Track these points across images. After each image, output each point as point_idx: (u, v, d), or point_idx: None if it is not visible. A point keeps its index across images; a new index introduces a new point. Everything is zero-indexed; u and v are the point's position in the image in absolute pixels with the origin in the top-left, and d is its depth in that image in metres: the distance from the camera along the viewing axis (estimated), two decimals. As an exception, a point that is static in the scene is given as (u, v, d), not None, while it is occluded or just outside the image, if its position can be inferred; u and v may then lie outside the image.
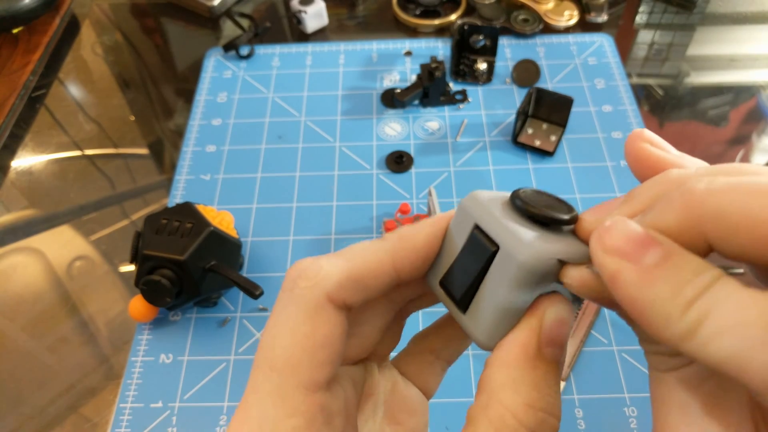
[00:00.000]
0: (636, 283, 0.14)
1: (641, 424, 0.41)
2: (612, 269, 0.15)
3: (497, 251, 0.18)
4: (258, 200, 0.54)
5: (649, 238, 0.15)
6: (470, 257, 0.19)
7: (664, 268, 0.14)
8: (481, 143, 0.58)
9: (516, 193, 0.19)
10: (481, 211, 0.18)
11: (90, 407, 0.44)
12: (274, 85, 0.64)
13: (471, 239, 0.19)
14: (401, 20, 0.70)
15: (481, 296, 0.18)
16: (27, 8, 0.67)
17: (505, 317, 0.18)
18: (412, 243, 0.19)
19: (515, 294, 0.17)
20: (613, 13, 0.70)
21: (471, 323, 0.19)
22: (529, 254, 0.17)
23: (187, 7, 0.73)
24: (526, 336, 0.17)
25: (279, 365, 0.17)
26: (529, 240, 0.17)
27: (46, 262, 0.52)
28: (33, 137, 0.62)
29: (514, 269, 0.17)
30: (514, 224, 0.18)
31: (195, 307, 0.48)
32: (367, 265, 0.19)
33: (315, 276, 0.18)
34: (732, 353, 0.12)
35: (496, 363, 0.17)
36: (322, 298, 0.18)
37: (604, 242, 0.15)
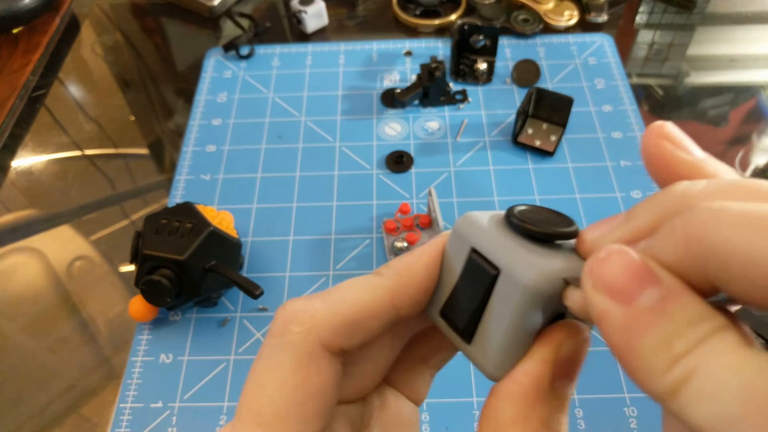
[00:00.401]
0: (623, 329, 0.13)
1: (641, 424, 0.41)
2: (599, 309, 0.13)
3: (498, 275, 0.17)
4: (258, 200, 0.54)
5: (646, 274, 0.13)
6: (470, 283, 0.17)
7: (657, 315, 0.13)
8: (481, 143, 0.58)
9: (511, 211, 0.18)
10: (477, 233, 0.17)
11: (90, 407, 0.44)
12: (274, 85, 0.64)
13: (469, 264, 0.18)
14: (401, 20, 0.70)
15: (486, 324, 0.17)
16: (27, 8, 0.67)
17: (514, 345, 0.16)
18: (411, 277, 0.18)
19: (522, 319, 0.16)
20: (613, 13, 0.70)
21: (477, 354, 0.18)
22: (534, 275, 0.16)
23: (187, 7, 0.73)
24: (537, 368, 0.16)
25: (266, 419, 0.16)
26: (532, 260, 0.16)
27: (46, 262, 0.52)
28: (33, 137, 0.62)
29: (518, 293, 0.16)
30: (514, 244, 0.17)
31: (195, 307, 0.48)
32: (364, 305, 0.17)
33: (309, 321, 0.17)
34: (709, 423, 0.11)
35: (503, 395, 0.16)
36: (315, 345, 0.17)
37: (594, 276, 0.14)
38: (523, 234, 0.17)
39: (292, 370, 0.16)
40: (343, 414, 0.19)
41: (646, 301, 0.13)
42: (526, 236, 0.17)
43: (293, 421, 0.16)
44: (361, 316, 0.17)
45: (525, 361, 0.16)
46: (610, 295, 0.13)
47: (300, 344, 0.17)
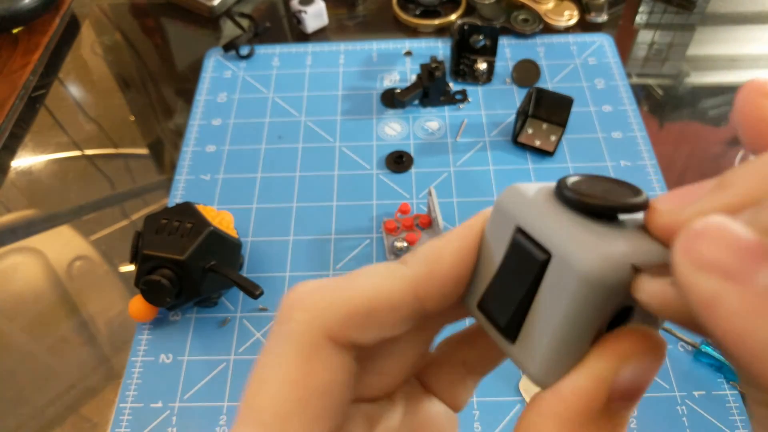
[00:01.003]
0: (742, 313, 0.10)
1: (641, 424, 0.41)
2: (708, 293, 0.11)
3: (549, 260, 0.14)
4: (258, 200, 0.54)
5: (761, 248, 0.10)
6: (515, 271, 0.15)
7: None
8: (481, 143, 0.58)
9: (563, 182, 0.14)
10: (525, 208, 0.15)
11: (90, 407, 0.44)
12: (274, 85, 0.64)
13: (513, 246, 0.15)
14: (401, 20, 0.70)
15: (533, 321, 0.14)
16: (27, 8, 0.67)
17: (567, 348, 0.14)
18: (438, 266, 0.15)
19: (578, 317, 0.13)
20: (613, 13, 0.70)
21: (522, 354, 0.15)
22: (594, 261, 0.13)
23: (187, 7, 0.73)
24: (591, 384, 0.13)
25: (266, 419, 0.14)
26: (592, 241, 0.13)
27: (46, 262, 0.52)
28: (33, 137, 0.62)
29: (574, 283, 0.13)
30: (569, 222, 0.14)
31: (195, 307, 0.48)
32: (381, 295, 0.15)
33: (313, 307, 0.15)
34: None
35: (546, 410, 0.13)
36: (320, 336, 0.15)
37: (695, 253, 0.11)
38: (578, 209, 0.14)
39: (294, 365, 0.15)
40: (361, 413, 0.17)
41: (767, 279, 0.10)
42: (583, 211, 0.14)
43: (296, 421, 0.14)
44: (376, 307, 0.15)
45: (577, 374, 0.13)
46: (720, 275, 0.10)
47: (303, 334, 0.15)
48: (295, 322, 0.15)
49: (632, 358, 0.13)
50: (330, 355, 0.15)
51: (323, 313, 0.15)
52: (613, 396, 0.13)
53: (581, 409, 0.13)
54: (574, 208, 0.14)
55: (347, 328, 0.15)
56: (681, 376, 0.43)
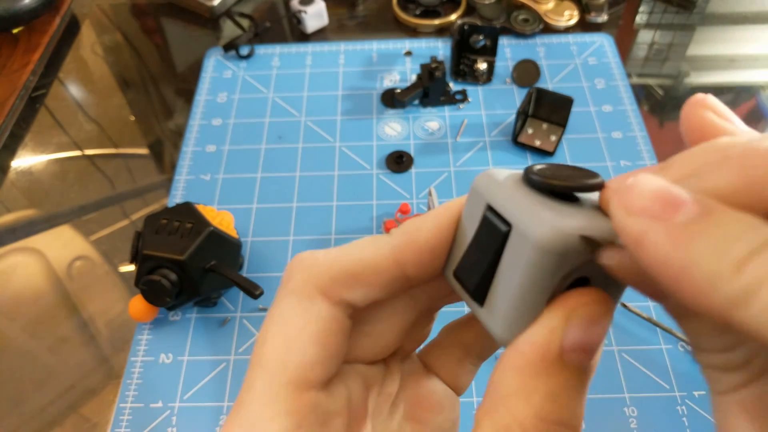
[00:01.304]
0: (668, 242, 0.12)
1: (641, 424, 0.41)
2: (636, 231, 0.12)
3: (510, 231, 0.15)
4: (258, 200, 0.54)
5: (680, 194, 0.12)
6: (483, 242, 0.17)
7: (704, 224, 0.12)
8: (481, 143, 0.58)
9: (530, 168, 0.16)
10: (494, 188, 0.16)
11: (90, 407, 0.44)
12: (274, 85, 0.64)
13: (483, 222, 0.17)
14: (401, 20, 0.70)
15: (497, 286, 0.16)
16: (27, 8, 0.67)
17: (524, 308, 0.15)
18: (416, 235, 0.18)
19: (533, 280, 0.15)
20: (613, 13, 0.70)
21: (488, 316, 0.17)
22: (545, 230, 0.14)
23: (187, 7, 0.73)
24: (544, 337, 0.15)
25: (269, 363, 0.16)
26: (545, 215, 0.15)
27: (46, 262, 0.52)
28: (33, 137, 0.62)
29: (529, 250, 0.15)
30: (530, 200, 0.15)
31: (195, 307, 0.48)
32: (366, 260, 0.17)
33: (309, 268, 0.17)
34: None
35: (507, 364, 0.15)
36: (314, 291, 0.17)
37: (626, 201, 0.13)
38: (542, 190, 0.16)
39: (292, 315, 0.17)
40: (358, 372, 0.19)
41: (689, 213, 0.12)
42: (546, 192, 0.16)
43: (294, 365, 0.16)
44: (361, 269, 0.17)
45: (531, 329, 0.15)
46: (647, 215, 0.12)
47: (301, 290, 0.17)
48: (294, 281, 0.17)
49: (578, 311, 0.15)
50: (323, 308, 0.17)
51: (317, 272, 0.17)
52: (566, 347, 0.15)
53: (537, 360, 0.14)
54: (538, 189, 0.16)
55: (337, 285, 0.17)
56: (681, 376, 0.43)
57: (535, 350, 0.15)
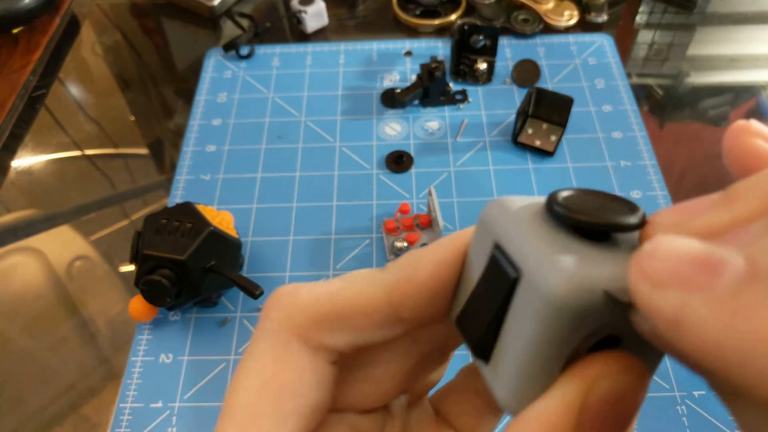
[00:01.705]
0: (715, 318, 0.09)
1: (641, 424, 0.41)
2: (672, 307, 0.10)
3: (518, 278, 0.13)
4: (258, 200, 0.54)
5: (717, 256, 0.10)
6: (489, 288, 0.14)
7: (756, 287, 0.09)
8: (481, 143, 0.58)
9: (553, 196, 0.13)
10: (505, 222, 0.14)
11: (90, 407, 0.44)
12: (274, 85, 0.64)
13: (490, 263, 0.14)
14: (401, 20, 0.70)
15: (504, 342, 0.14)
16: (27, 8, 0.67)
17: (534, 373, 0.13)
18: (413, 274, 0.15)
19: (544, 341, 0.12)
20: (613, 13, 0.70)
21: (492, 376, 0.14)
22: (560, 282, 0.12)
23: (187, 7, 0.73)
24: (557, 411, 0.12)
25: (239, 414, 0.15)
26: (563, 261, 0.12)
27: (46, 262, 0.52)
28: (33, 137, 0.62)
29: (539, 304, 0.12)
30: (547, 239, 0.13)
31: (195, 307, 0.48)
32: (354, 300, 0.15)
33: (288, 306, 0.15)
34: None
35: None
36: (290, 335, 0.15)
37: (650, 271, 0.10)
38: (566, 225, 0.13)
39: (266, 362, 0.15)
40: (348, 423, 0.17)
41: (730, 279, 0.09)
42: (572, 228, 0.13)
43: (266, 418, 0.14)
44: (348, 311, 0.15)
45: (543, 400, 0.13)
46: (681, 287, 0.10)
47: (275, 333, 0.15)
48: (269, 321, 0.15)
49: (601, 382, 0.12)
50: (300, 355, 0.15)
51: (296, 312, 0.15)
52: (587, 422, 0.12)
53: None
54: (562, 224, 0.13)
55: (317, 328, 0.15)
56: (681, 376, 0.43)
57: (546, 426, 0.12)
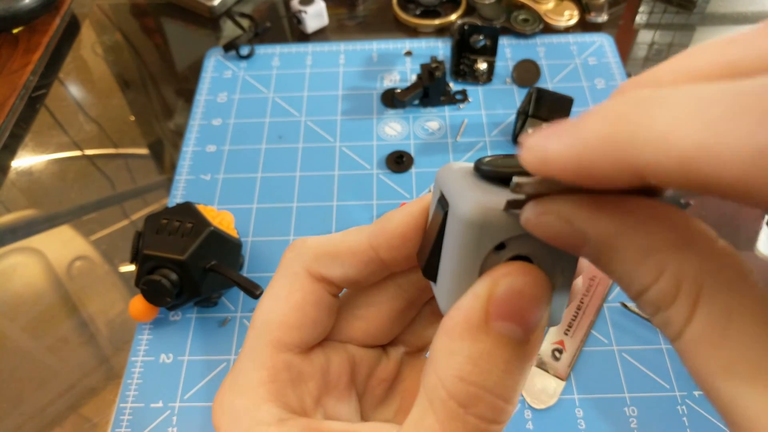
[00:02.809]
0: (561, 141, 0.12)
1: (641, 423, 0.41)
2: (538, 153, 0.13)
3: (447, 211, 0.17)
4: (258, 200, 0.54)
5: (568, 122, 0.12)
6: (433, 224, 0.18)
7: (590, 112, 0.12)
8: (481, 143, 0.58)
9: (482, 158, 0.18)
10: (446, 178, 0.18)
11: (90, 407, 0.44)
12: (274, 85, 0.64)
13: (436, 207, 0.18)
14: (401, 20, 0.70)
15: (442, 263, 0.17)
16: (27, 8, 0.67)
17: (462, 282, 0.16)
18: (388, 223, 0.20)
19: (463, 252, 0.16)
20: (613, 13, 0.70)
21: (438, 293, 0.18)
22: (469, 206, 0.15)
23: (187, 7, 0.73)
24: (468, 303, 0.16)
25: (257, 324, 0.19)
26: (474, 194, 0.16)
27: (46, 262, 0.52)
28: (33, 137, 0.62)
29: (457, 225, 0.16)
30: (470, 184, 0.17)
31: (195, 307, 0.48)
32: (345, 243, 0.20)
33: (298, 249, 0.20)
34: (686, 147, 0.10)
35: (439, 330, 0.16)
36: (299, 267, 0.20)
37: (524, 144, 0.13)
38: (486, 177, 0.17)
39: (280, 287, 0.20)
40: (346, 350, 0.21)
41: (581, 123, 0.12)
42: (489, 180, 0.17)
43: (274, 327, 0.19)
44: (340, 251, 0.20)
45: (463, 297, 0.16)
46: (540, 139, 0.13)
47: (288, 267, 0.20)
48: (285, 260, 0.20)
49: (503, 279, 0.15)
50: (305, 282, 0.20)
51: (304, 252, 0.20)
52: (492, 313, 0.15)
53: (462, 324, 0.15)
54: (482, 176, 0.17)
55: (318, 263, 0.20)
56: (681, 376, 0.43)
57: (460, 314, 0.16)
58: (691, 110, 0.10)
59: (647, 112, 0.11)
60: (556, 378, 0.43)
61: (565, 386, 0.43)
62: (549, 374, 0.43)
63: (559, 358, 0.44)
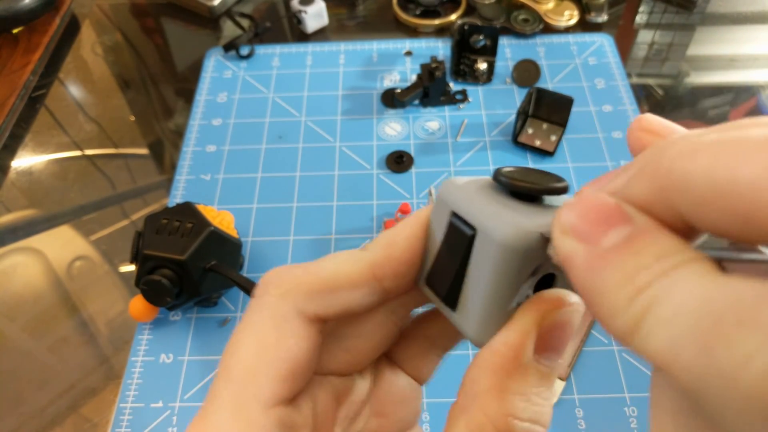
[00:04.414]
0: (586, 268, 0.12)
1: (641, 424, 0.41)
2: (565, 252, 0.13)
3: (475, 235, 0.16)
4: (258, 200, 0.54)
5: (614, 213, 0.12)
6: (451, 248, 0.17)
7: (622, 251, 0.12)
8: (481, 143, 0.58)
9: (498, 170, 0.17)
10: (457, 195, 0.17)
11: (90, 407, 0.44)
12: (274, 85, 0.64)
13: (449, 228, 0.17)
14: (401, 20, 0.70)
15: (468, 289, 0.17)
16: (27, 8, 0.67)
17: (496, 309, 0.16)
18: (392, 249, 0.18)
19: (501, 280, 0.15)
20: (613, 13, 0.70)
21: (461, 320, 0.17)
22: (509, 230, 0.15)
23: (187, 7, 0.73)
24: (516, 339, 0.15)
25: (238, 375, 0.16)
26: (507, 216, 0.15)
27: (46, 262, 0.52)
28: (33, 137, 0.62)
29: (494, 251, 0.15)
30: (493, 203, 0.16)
31: (195, 307, 0.48)
32: (343, 275, 0.18)
33: (287, 284, 0.17)
34: (664, 346, 0.10)
35: (482, 365, 0.15)
36: (290, 309, 0.17)
37: (561, 220, 0.13)
38: (508, 192, 0.17)
39: (266, 331, 0.17)
40: (330, 384, 0.20)
41: (613, 238, 0.12)
42: (513, 195, 0.17)
43: (263, 380, 0.16)
44: (338, 285, 0.17)
45: (506, 330, 0.16)
46: (575, 237, 0.13)
47: (276, 306, 0.17)
48: (269, 296, 0.17)
49: (549, 312, 0.15)
50: (297, 325, 0.17)
51: (294, 289, 0.17)
52: (537, 347, 0.15)
53: (509, 359, 0.15)
54: (504, 191, 0.17)
55: (312, 302, 0.17)
56: (681, 376, 0.43)
57: (509, 351, 0.15)
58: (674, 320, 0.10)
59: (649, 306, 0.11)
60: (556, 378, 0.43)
61: (565, 386, 0.43)
62: (549, 374, 0.43)
63: (559, 358, 0.44)
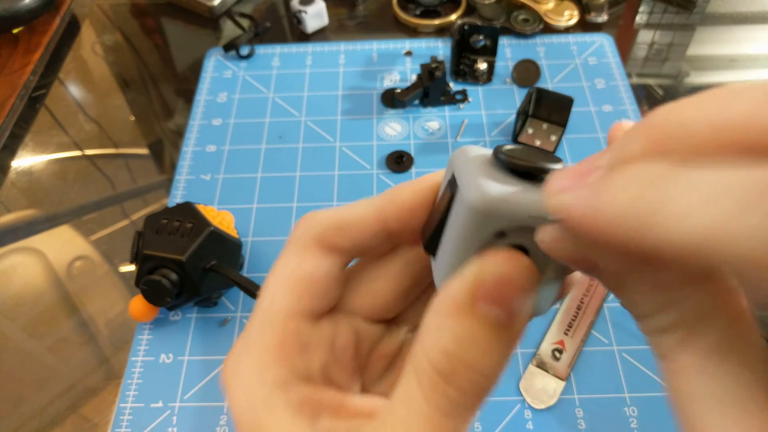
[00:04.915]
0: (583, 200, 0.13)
1: (641, 424, 0.41)
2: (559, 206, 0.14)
3: (455, 193, 0.17)
4: (258, 200, 0.54)
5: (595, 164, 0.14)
6: (441, 204, 0.18)
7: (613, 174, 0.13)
8: (481, 143, 0.58)
9: (501, 146, 0.18)
10: (461, 161, 0.18)
11: (90, 407, 0.44)
12: (274, 85, 0.64)
13: (446, 187, 0.18)
14: (401, 20, 0.70)
15: (444, 241, 0.18)
16: (27, 8, 0.67)
17: (457, 262, 0.17)
18: (397, 196, 0.20)
19: (464, 235, 0.17)
20: (613, 13, 0.70)
21: (436, 269, 0.19)
22: (473, 192, 0.16)
23: (187, 7, 0.73)
24: (457, 285, 0.16)
25: (265, 299, 0.20)
26: (483, 181, 0.16)
27: (46, 262, 0.52)
28: (33, 137, 0.62)
29: (464, 210, 0.16)
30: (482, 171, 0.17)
31: (195, 307, 0.48)
32: (354, 215, 0.20)
33: (309, 221, 0.21)
34: (701, 232, 0.10)
35: (430, 307, 0.17)
36: (309, 239, 0.20)
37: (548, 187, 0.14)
38: (507, 168, 0.17)
39: (290, 258, 0.20)
40: (353, 323, 0.22)
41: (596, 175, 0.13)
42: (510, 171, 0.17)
43: (282, 295, 0.20)
44: (349, 223, 0.20)
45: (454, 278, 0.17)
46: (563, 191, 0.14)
47: (299, 239, 0.21)
48: (295, 234, 0.21)
49: (491, 265, 0.16)
50: (315, 252, 0.20)
51: (314, 225, 0.21)
52: (477, 295, 0.16)
53: (449, 303, 0.16)
54: (502, 166, 0.17)
55: (328, 235, 0.20)
56: (681, 376, 0.43)
57: (449, 294, 0.16)
58: (709, 199, 0.11)
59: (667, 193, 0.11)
60: (556, 378, 0.43)
61: (565, 386, 0.43)
62: (549, 374, 0.43)
63: (559, 358, 0.44)
